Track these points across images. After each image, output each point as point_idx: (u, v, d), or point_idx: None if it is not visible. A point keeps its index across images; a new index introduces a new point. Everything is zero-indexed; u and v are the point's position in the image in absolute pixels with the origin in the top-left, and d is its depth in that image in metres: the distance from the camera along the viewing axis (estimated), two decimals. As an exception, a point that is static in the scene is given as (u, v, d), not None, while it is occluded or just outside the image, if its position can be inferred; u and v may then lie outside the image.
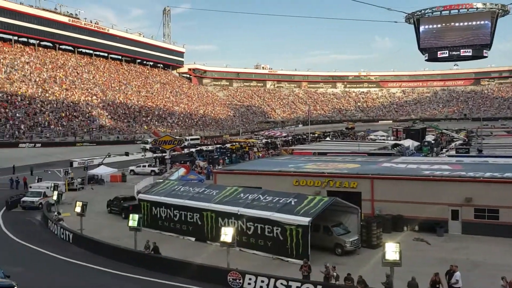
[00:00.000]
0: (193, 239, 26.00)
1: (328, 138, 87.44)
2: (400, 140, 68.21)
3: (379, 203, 27.64)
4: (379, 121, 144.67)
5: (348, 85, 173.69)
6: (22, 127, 70.15)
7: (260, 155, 63.13)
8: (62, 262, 22.60)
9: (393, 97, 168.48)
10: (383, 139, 76.77)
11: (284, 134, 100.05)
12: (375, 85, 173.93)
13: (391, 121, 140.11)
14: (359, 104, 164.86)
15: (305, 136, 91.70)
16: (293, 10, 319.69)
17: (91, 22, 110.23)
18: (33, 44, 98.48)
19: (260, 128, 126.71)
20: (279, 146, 76.78)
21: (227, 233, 18.91)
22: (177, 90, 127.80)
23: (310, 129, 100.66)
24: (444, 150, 59.79)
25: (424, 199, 26.54)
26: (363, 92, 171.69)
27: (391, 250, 15.73)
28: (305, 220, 21.46)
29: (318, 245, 22.41)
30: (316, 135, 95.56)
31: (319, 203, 22.78)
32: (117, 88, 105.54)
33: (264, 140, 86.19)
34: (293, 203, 23.35)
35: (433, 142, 69.30)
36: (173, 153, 58.12)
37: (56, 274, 20.58)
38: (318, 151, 51.27)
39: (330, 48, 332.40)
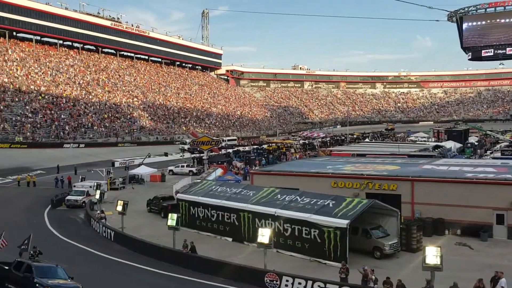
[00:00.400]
0: (230, 239, 26.18)
1: (367, 139, 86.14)
2: (441, 142, 66.40)
3: (419, 206, 27.04)
4: (420, 122, 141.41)
5: (387, 86, 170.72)
6: (67, 128, 72.62)
7: (298, 156, 62.91)
8: (105, 259, 23.18)
9: (434, 97, 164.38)
10: (424, 141, 74.99)
11: (322, 135, 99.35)
12: (415, 86, 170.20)
13: (432, 122, 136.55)
14: (399, 104, 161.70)
15: (343, 137, 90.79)
16: (332, 10, 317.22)
17: (132, 26, 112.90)
18: (77, 48, 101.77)
19: (297, 129, 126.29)
20: (317, 147, 76.28)
21: (264, 234, 18.94)
22: (214, 91, 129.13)
23: (348, 130, 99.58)
24: (489, 152, 57.77)
25: (467, 202, 25.75)
26: (403, 92, 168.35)
27: (432, 254, 15.36)
28: (343, 223, 21.24)
29: (357, 248, 22.14)
30: (355, 136, 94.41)
31: (357, 206, 22.48)
32: (157, 90, 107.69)
33: (301, 141, 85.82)
34: (331, 205, 23.14)
35: (476, 143, 67.07)
36: (211, 153, 58.72)
37: (100, 272, 21.09)
38: (357, 153, 50.54)
39: (369, 48, 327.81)
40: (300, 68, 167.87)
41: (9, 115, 67.94)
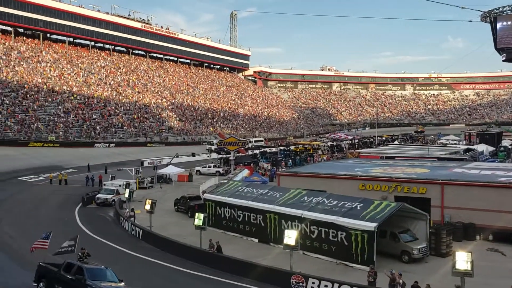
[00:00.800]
0: (256, 240, 26.21)
1: (396, 142, 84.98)
2: (473, 145, 64.92)
3: (449, 210, 26.54)
4: (451, 125, 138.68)
5: (417, 87, 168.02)
6: (98, 127, 74.12)
7: (325, 158, 62.54)
8: (134, 257, 23.45)
9: (466, 99, 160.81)
10: (455, 144, 73.45)
11: (350, 137, 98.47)
12: (446, 87, 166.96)
13: (464, 125, 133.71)
14: (429, 107, 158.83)
15: (372, 139, 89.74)
16: (360, 11, 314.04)
17: (162, 28, 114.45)
18: (109, 49, 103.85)
19: (325, 131, 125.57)
20: (344, 149, 75.66)
21: (291, 236, 18.87)
22: (242, 92, 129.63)
23: (377, 132, 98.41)
24: (523, 156, 56.17)
25: (499, 207, 25.11)
26: (433, 94, 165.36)
27: (462, 259, 14.99)
28: (371, 226, 20.99)
29: (384, 252, 21.89)
30: (383, 138, 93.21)
31: (385, 209, 22.20)
32: (185, 91, 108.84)
33: (329, 143, 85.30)
34: (358, 207, 22.92)
35: (510, 147, 65.25)
36: (237, 154, 58.92)
37: (128, 270, 21.33)
38: (386, 155, 49.98)
39: (398, 49, 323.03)
40: (329, 69, 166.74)
41: (43, 115, 69.78)
